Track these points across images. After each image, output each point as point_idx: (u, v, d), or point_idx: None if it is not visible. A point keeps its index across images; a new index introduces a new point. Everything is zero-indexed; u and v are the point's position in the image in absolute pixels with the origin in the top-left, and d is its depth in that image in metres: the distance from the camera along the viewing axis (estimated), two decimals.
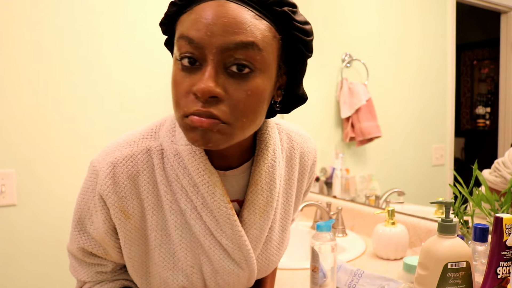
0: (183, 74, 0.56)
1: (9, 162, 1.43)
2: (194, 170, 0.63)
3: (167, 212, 0.66)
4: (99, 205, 0.65)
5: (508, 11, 1.27)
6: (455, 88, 1.41)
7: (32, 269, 1.47)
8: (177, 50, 0.56)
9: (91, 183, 0.66)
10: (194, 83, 0.54)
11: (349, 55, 1.80)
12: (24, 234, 1.46)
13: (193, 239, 0.68)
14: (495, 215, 0.79)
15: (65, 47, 1.51)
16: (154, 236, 0.67)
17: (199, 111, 0.54)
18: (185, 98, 0.55)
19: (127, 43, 1.61)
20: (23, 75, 1.44)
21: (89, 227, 0.69)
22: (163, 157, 0.66)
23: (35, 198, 1.47)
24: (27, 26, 1.44)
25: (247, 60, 0.54)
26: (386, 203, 1.54)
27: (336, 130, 1.87)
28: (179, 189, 0.65)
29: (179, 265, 0.68)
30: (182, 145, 0.64)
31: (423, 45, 1.56)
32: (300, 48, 0.61)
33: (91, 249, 0.71)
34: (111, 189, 0.64)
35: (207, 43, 0.53)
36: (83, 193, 0.69)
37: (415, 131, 1.60)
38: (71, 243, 0.73)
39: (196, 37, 0.53)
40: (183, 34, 0.55)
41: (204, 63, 0.54)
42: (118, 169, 0.64)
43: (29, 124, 1.46)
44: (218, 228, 0.66)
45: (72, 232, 0.72)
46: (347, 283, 0.99)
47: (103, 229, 0.67)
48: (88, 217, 0.69)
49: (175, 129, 0.66)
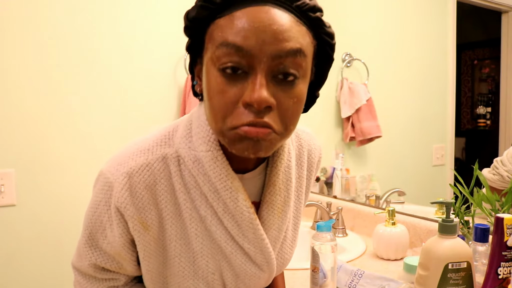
0: (226, 84, 0.53)
1: (9, 162, 1.43)
2: (216, 176, 0.61)
3: (186, 221, 0.65)
4: (115, 219, 0.63)
5: (509, 11, 1.27)
6: (456, 88, 1.41)
7: (31, 269, 1.47)
8: (217, 58, 0.53)
9: (104, 195, 0.63)
10: (241, 93, 0.53)
11: (349, 54, 1.80)
12: (24, 234, 1.46)
13: (213, 246, 0.66)
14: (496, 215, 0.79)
15: (65, 47, 1.51)
16: (174, 246, 0.66)
17: (255, 121, 0.53)
18: (232, 109, 0.54)
19: (128, 43, 1.61)
20: (23, 75, 1.44)
21: (101, 242, 0.66)
22: (179, 164, 0.64)
23: (34, 198, 1.47)
24: (27, 26, 1.44)
25: (295, 67, 0.54)
26: (386, 203, 1.54)
27: (336, 130, 1.87)
28: (198, 196, 0.64)
29: (199, 273, 0.67)
30: (202, 151, 0.61)
31: (424, 45, 1.56)
32: (328, 52, 0.62)
33: (104, 265, 0.68)
34: (129, 201, 0.61)
35: (258, 51, 0.51)
36: (94, 207, 0.65)
37: (416, 131, 1.59)
38: (80, 259, 0.70)
39: (245, 44, 0.51)
40: (227, 42, 0.52)
41: (251, 72, 0.53)
42: (135, 179, 0.61)
43: (29, 124, 1.46)
44: (240, 233, 0.65)
45: (82, 248, 0.68)
46: (347, 283, 0.99)
47: (120, 243, 0.64)
48: (101, 231, 0.66)
49: (191, 135, 0.64)
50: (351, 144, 1.82)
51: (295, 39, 0.53)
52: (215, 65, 0.54)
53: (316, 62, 0.62)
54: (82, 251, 0.69)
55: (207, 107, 0.57)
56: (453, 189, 1.09)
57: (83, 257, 0.69)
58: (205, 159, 0.61)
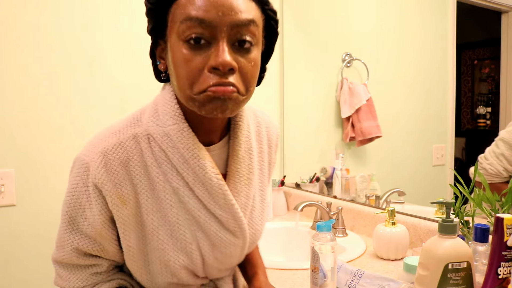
0: (191, 53, 0.60)
1: (9, 162, 1.43)
2: (184, 146, 0.67)
3: (160, 194, 0.69)
4: (94, 196, 0.66)
5: (509, 11, 1.27)
6: (456, 88, 1.41)
7: (31, 269, 1.47)
8: (182, 32, 0.60)
9: (81, 177, 0.67)
10: (205, 60, 0.60)
11: (349, 54, 1.80)
12: (24, 234, 1.46)
13: (188, 217, 0.70)
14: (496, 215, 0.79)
15: (65, 47, 1.50)
16: (151, 219, 0.69)
17: (221, 81, 0.60)
18: (199, 76, 0.60)
19: (128, 42, 1.61)
20: (23, 75, 1.44)
21: (82, 224, 0.69)
22: (149, 141, 0.69)
23: (34, 198, 1.47)
24: (27, 26, 1.44)
25: (250, 35, 0.62)
26: (386, 203, 1.54)
27: (336, 130, 1.87)
28: (169, 169, 0.68)
29: (178, 245, 0.70)
30: (170, 125, 0.67)
31: (424, 45, 1.56)
32: (273, 26, 0.70)
33: (86, 248, 0.70)
34: (106, 177, 0.65)
35: (218, 22, 0.59)
36: (72, 191, 0.69)
37: (416, 131, 1.59)
38: (61, 249, 0.72)
39: (207, 17, 0.58)
40: (190, 16, 0.59)
41: (213, 41, 0.60)
42: (109, 157, 0.66)
43: (29, 124, 1.46)
44: (212, 200, 0.69)
45: (63, 235, 0.71)
46: (347, 283, 0.99)
47: (100, 221, 0.68)
48: (80, 213, 0.69)
49: (158, 114, 0.69)
50: (351, 144, 1.82)
51: (248, 11, 0.61)
52: (180, 38, 0.61)
53: (265, 35, 0.70)
54: (63, 238, 0.71)
55: (175, 78, 0.64)
56: (453, 189, 1.09)
57: (64, 245, 0.71)
58: (173, 132, 0.67)
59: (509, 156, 1.08)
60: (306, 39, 2.00)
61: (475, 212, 1.00)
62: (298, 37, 2.00)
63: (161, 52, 0.69)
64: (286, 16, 2.00)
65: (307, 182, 1.89)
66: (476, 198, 0.98)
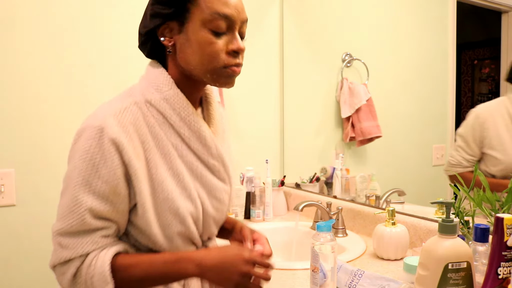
0: (214, 38, 0.78)
1: (9, 162, 1.43)
2: (180, 106, 0.81)
3: (164, 149, 0.80)
4: (109, 152, 0.73)
5: (509, 11, 1.27)
6: (456, 88, 1.41)
7: (31, 269, 1.47)
8: (208, 22, 0.77)
9: (93, 139, 0.73)
10: (225, 44, 0.79)
11: (349, 54, 1.80)
12: (23, 234, 1.46)
13: (186, 168, 0.82)
14: (496, 215, 0.79)
15: (65, 47, 1.51)
16: (159, 172, 0.78)
17: (240, 63, 0.81)
18: (222, 54, 0.78)
19: (128, 42, 1.61)
20: (23, 75, 1.44)
21: (96, 184, 0.74)
22: (148, 107, 0.80)
23: (34, 198, 1.47)
24: (27, 26, 1.44)
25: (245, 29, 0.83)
26: (386, 203, 1.54)
27: (336, 130, 1.87)
28: (168, 128, 0.81)
29: (184, 193, 0.80)
30: (166, 91, 0.81)
31: (424, 45, 1.56)
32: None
33: (99, 208, 0.74)
34: (121, 133, 0.74)
35: (236, 18, 0.79)
36: (83, 155, 0.73)
37: (416, 131, 1.59)
38: (70, 216, 0.74)
39: (229, 13, 0.78)
40: (218, 11, 0.77)
41: (229, 31, 0.79)
42: (119, 117, 0.75)
43: (29, 124, 1.46)
44: (205, 151, 0.84)
45: (75, 200, 0.74)
46: (347, 283, 0.99)
47: (116, 177, 0.74)
48: (94, 173, 0.73)
49: (152, 84, 0.82)
50: (351, 144, 1.82)
51: (245, 11, 0.82)
52: (205, 26, 0.78)
53: None
54: (74, 203, 0.74)
55: (197, 55, 0.79)
56: (453, 189, 1.09)
57: (75, 210, 0.73)
58: (169, 96, 0.80)
59: (465, 147, 1.25)
60: (306, 39, 2.00)
61: (475, 212, 1.00)
62: (298, 37, 2.00)
63: (169, 31, 0.81)
64: (286, 16, 2.00)
65: (307, 182, 1.89)
66: (476, 198, 0.98)
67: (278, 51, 2.02)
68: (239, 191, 1.75)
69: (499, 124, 1.18)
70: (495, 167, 1.17)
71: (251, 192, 1.72)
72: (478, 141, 1.21)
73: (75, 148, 0.76)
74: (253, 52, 1.94)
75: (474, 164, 1.23)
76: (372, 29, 1.77)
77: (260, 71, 1.98)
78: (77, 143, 0.75)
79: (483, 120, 1.21)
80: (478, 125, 1.22)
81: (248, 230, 0.95)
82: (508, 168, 1.14)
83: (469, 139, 1.24)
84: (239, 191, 1.75)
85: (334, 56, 1.87)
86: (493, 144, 1.18)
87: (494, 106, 1.23)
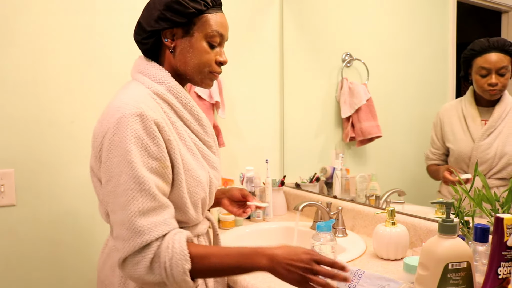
0: (209, 49, 0.96)
1: (9, 162, 1.43)
2: (182, 95, 0.95)
3: (177, 130, 0.92)
4: (156, 131, 0.84)
5: (509, 11, 1.27)
6: (456, 88, 1.41)
7: (31, 269, 1.47)
8: (209, 36, 0.95)
9: (138, 124, 0.82)
10: (215, 55, 0.97)
11: (349, 54, 1.80)
12: (23, 234, 1.46)
13: (194, 146, 0.96)
14: (496, 215, 0.79)
15: (65, 46, 1.50)
16: (180, 149, 0.90)
17: (220, 72, 0.99)
18: (212, 63, 0.96)
19: (128, 42, 1.61)
20: (23, 75, 1.44)
21: (151, 163, 0.82)
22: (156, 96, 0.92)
23: (34, 198, 1.47)
24: (27, 26, 1.44)
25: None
26: (386, 203, 1.54)
27: (336, 130, 1.87)
28: (173, 114, 0.93)
29: (199, 165, 0.95)
30: (169, 82, 0.94)
31: (424, 45, 1.56)
32: None
33: (160, 183, 0.83)
34: (157, 114, 0.85)
35: (225, 36, 0.98)
36: (133, 138, 0.81)
37: (416, 131, 1.59)
38: (139, 196, 0.79)
39: (224, 32, 0.97)
40: (217, 30, 0.95)
41: (219, 46, 0.98)
42: (147, 103, 0.86)
43: (29, 124, 1.46)
44: (202, 130, 0.99)
45: (140, 177, 0.79)
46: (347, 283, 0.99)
47: (164, 153, 0.85)
48: (147, 154, 0.82)
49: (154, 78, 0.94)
50: (351, 144, 1.82)
51: None
52: (205, 38, 0.95)
53: None
54: (141, 182, 0.79)
55: (194, 59, 0.95)
56: (453, 189, 1.09)
57: (144, 188, 0.80)
58: (172, 86, 0.94)
59: (432, 142, 1.43)
60: (306, 39, 2.00)
61: (475, 212, 1.00)
62: (298, 37, 2.00)
63: (172, 35, 0.95)
64: (286, 16, 2.00)
65: (307, 182, 1.89)
66: (476, 198, 0.98)
67: (278, 51, 2.02)
68: None
69: (453, 118, 1.36)
70: (452, 157, 1.36)
71: (251, 192, 1.72)
72: (440, 136, 1.40)
73: (119, 138, 0.81)
74: (253, 52, 1.94)
75: (439, 157, 1.41)
76: (372, 29, 1.77)
77: (260, 71, 1.98)
78: (118, 133, 0.81)
79: (442, 116, 1.40)
80: (438, 121, 1.40)
81: (246, 190, 1.18)
82: (459, 157, 1.33)
83: (433, 135, 1.42)
84: None
85: (334, 56, 1.87)
86: (448, 137, 1.37)
87: (454, 105, 1.38)
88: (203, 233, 1.04)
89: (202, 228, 1.02)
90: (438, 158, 1.41)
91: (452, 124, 1.36)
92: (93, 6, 1.55)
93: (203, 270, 0.82)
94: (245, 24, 1.93)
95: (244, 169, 1.80)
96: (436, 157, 1.41)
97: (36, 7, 1.45)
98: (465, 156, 1.30)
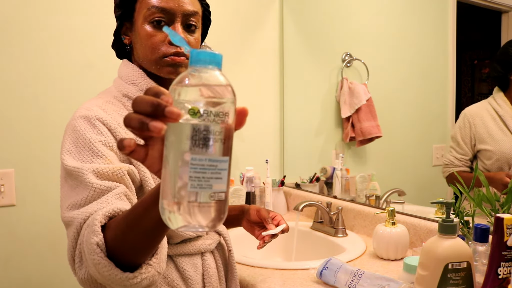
0: (154, 30, 0.84)
1: (9, 162, 1.43)
2: None
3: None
4: (99, 123, 0.80)
5: (509, 11, 1.27)
6: (456, 88, 1.41)
7: (31, 269, 1.47)
8: (148, 16, 0.84)
9: (84, 120, 0.80)
10: (165, 36, 0.84)
11: (349, 54, 1.80)
12: (23, 234, 1.46)
13: None
14: (496, 215, 0.79)
15: (64, 47, 1.50)
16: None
17: (178, 52, 0.84)
18: (160, 46, 0.84)
19: None
20: (22, 75, 1.44)
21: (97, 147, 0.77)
22: (126, 99, 0.88)
23: (34, 198, 1.47)
24: (27, 26, 1.44)
25: (194, 21, 0.87)
26: (386, 203, 1.54)
27: (336, 130, 1.87)
28: None
29: None
30: (140, 82, 0.88)
31: (424, 45, 1.56)
32: (208, 16, 0.97)
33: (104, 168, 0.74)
34: (106, 115, 0.81)
35: (175, 11, 0.84)
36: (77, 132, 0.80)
37: (416, 131, 1.59)
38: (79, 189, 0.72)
39: (167, 6, 0.83)
40: (154, 5, 0.83)
41: (170, 23, 0.85)
42: (103, 107, 0.84)
43: (29, 124, 1.46)
44: None
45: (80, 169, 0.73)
46: (347, 283, 0.99)
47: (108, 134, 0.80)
48: (88, 144, 0.78)
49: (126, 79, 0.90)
50: (351, 144, 1.82)
51: (193, 4, 0.87)
52: (146, 20, 0.84)
53: (202, 22, 0.95)
54: (80, 173, 0.73)
55: (142, 48, 0.86)
56: (453, 189, 1.09)
57: (82, 182, 0.72)
58: (144, 86, 0.87)
59: (456, 147, 1.34)
60: (306, 39, 2.00)
61: (475, 212, 1.00)
62: (298, 37, 2.00)
63: (126, 30, 0.91)
64: (286, 16, 2.00)
65: (307, 182, 1.89)
66: (476, 198, 0.98)
67: (278, 51, 2.02)
68: (239, 191, 1.75)
69: (486, 119, 1.27)
70: (489, 160, 1.25)
71: (251, 192, 1.73)
72: (469, 139, 1.30)
73: (64, 141, 0.82)
74: (253, 52, 1.94)
75: (465, 163, 1.31)
76: (372, 29, 1.77)
77: (260, 71, 1.98)
78: (65, 136, 0.82)
79: (472, 118, 1.30)
80: (467, 123, 1.31)
81: (264, 210, 1.03)
82: (501, 158, 1.22)
83: (459, 139, 1.33)
84: (239, 191, 1.75)
85: (334, 56, 1.87)
86: (484, 138, 1.27)
87: (481, 106, 1.30)
88: (208, 250, 0.93)
89: (205, 244, 0.92)
90: (465, 164, 1.32)
91: (487, 125, 1.27)
92: (93, 6, 1.55)
93: (115, 237, 0.59)
94: (245, 24, 1.92)
95: (244, 169, 1.80)
96: (463, 163, 1.32)
97: (36, 7, 1.45)
98: (509, 156, 1.21)
